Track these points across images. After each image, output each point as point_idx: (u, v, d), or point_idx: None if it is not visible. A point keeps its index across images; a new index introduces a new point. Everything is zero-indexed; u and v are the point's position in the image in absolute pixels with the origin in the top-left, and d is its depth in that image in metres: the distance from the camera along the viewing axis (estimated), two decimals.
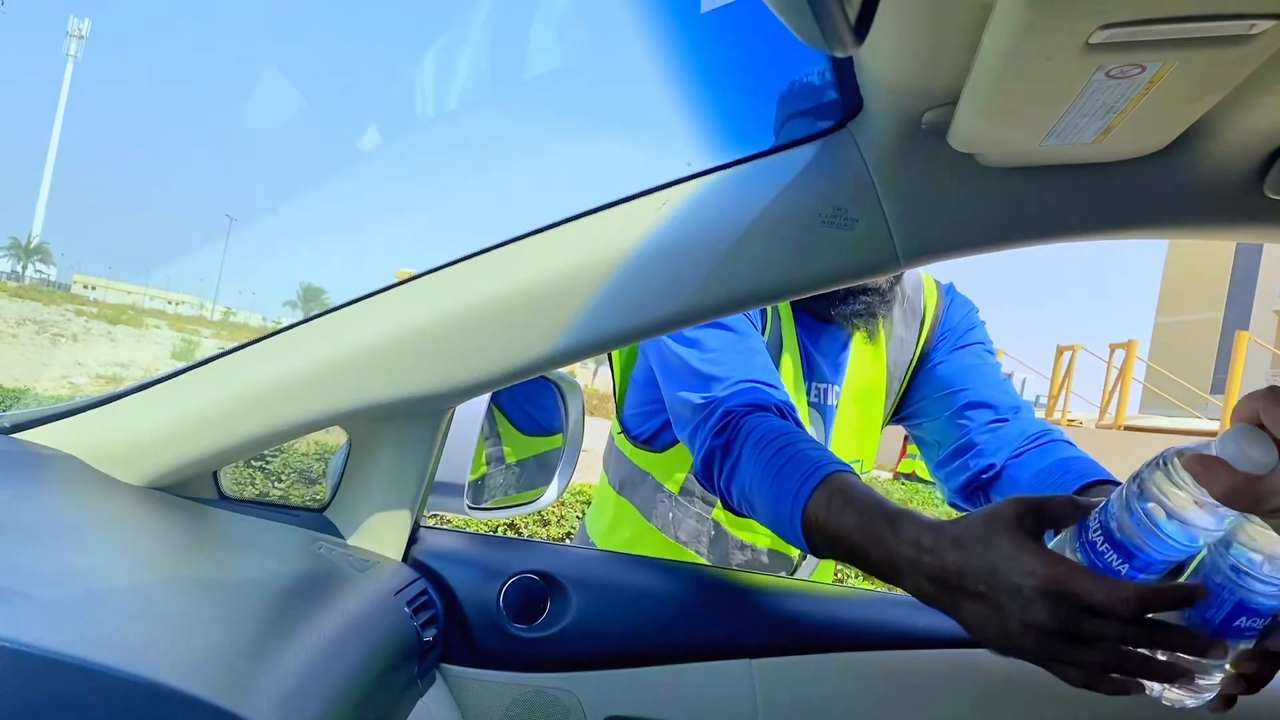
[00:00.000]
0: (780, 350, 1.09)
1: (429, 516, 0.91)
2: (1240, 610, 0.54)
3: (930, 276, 1.21)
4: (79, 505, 0.64)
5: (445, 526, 0.96)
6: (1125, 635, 0.56)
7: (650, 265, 0.69)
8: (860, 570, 0.71)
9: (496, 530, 3.80)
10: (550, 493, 1.06)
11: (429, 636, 0.74)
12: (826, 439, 1.13)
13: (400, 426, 0.78)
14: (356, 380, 0.71)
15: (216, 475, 0.79)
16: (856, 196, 0.67)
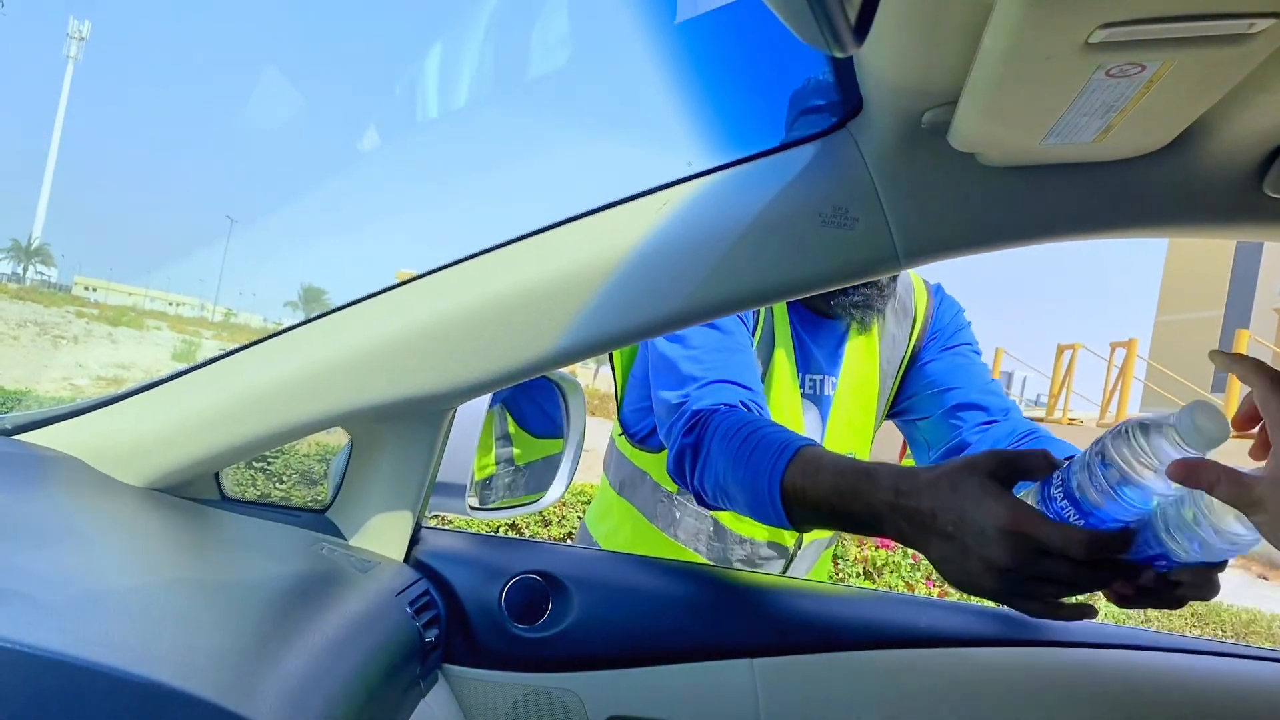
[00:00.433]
0: (773, 345, 1.10)
1: (430, 517, 0.91)
2: (1162, 556, 0.61)
3: (919, 277, 1.23)
4: (81, 506, 0.64)
5: (447, 527, 0.96)
6: (1076, 576, 0.63)
7: (651, 265, 0.69)
8: (846, 530, 0.75)
9: (498, 530, 3.80)
10: (552, 493, 1.06)
11: (431, 637, 0.74)
12: (822, 432, 1.14)
13: (401, 427, 0.78)
14: (358, 381, 0.71)
15: (218, 476, 0.79)
16: (857, 196, 0.67)
